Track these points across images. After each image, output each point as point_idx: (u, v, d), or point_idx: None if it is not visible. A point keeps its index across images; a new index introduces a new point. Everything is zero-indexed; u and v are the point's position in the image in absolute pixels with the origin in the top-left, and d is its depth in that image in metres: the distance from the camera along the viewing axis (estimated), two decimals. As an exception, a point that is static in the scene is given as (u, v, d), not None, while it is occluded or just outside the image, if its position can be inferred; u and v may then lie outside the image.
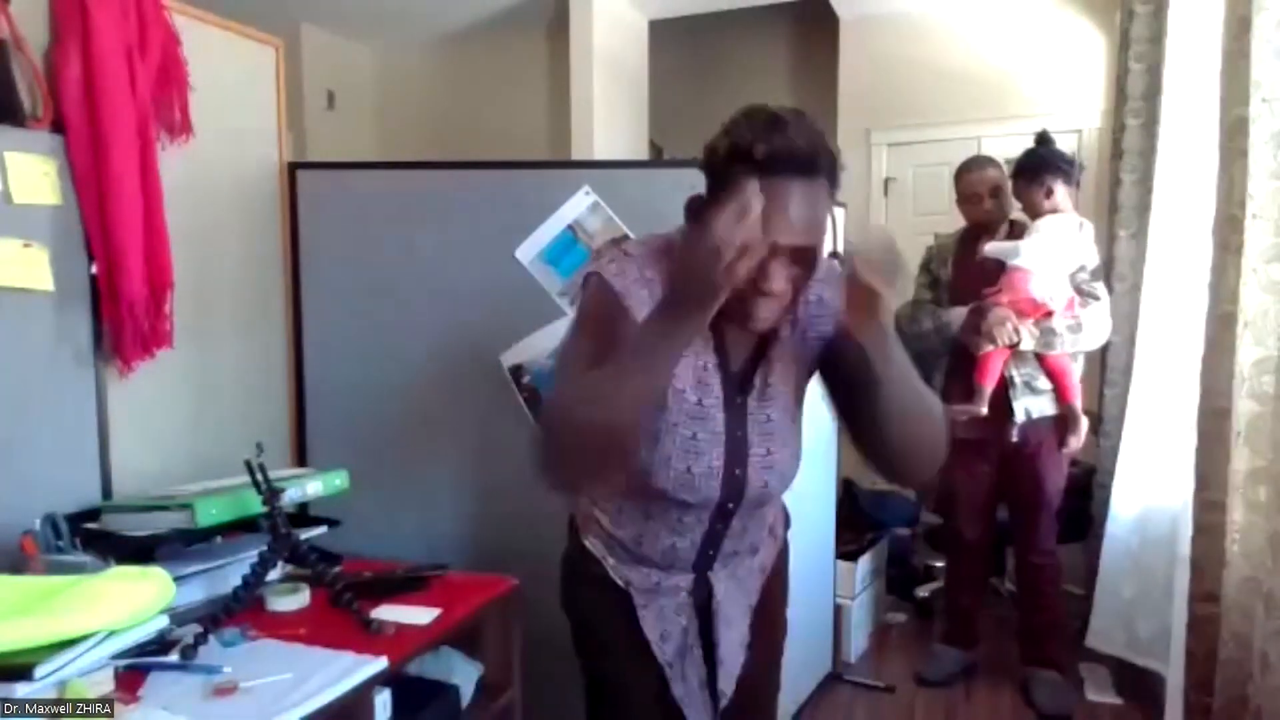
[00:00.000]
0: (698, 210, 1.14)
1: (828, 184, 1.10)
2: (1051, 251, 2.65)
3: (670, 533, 1.31)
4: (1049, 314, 2.65)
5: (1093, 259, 2.74)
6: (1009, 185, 2.82)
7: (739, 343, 1.25)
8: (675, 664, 1.36)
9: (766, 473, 1.28)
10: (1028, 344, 2.66)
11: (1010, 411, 2.72)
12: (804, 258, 1.10)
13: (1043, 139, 2.77)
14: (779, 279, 1.09)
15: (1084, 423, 2.74)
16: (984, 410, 2.71)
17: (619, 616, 1.36)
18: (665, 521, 1.30)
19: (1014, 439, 2.74)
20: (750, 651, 1.40)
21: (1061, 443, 2.75)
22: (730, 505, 1.29)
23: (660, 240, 1.25)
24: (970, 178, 2.85)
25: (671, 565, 1.34)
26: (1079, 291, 2.70)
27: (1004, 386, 2.72)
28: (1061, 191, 2.69)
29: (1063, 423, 2.74)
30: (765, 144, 1.05)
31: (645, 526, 1.32)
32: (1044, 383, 2.73)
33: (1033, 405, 2.72)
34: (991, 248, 2.71)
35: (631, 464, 1.22)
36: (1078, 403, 2.73)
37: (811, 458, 1.59)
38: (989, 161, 2.88)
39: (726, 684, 1.37)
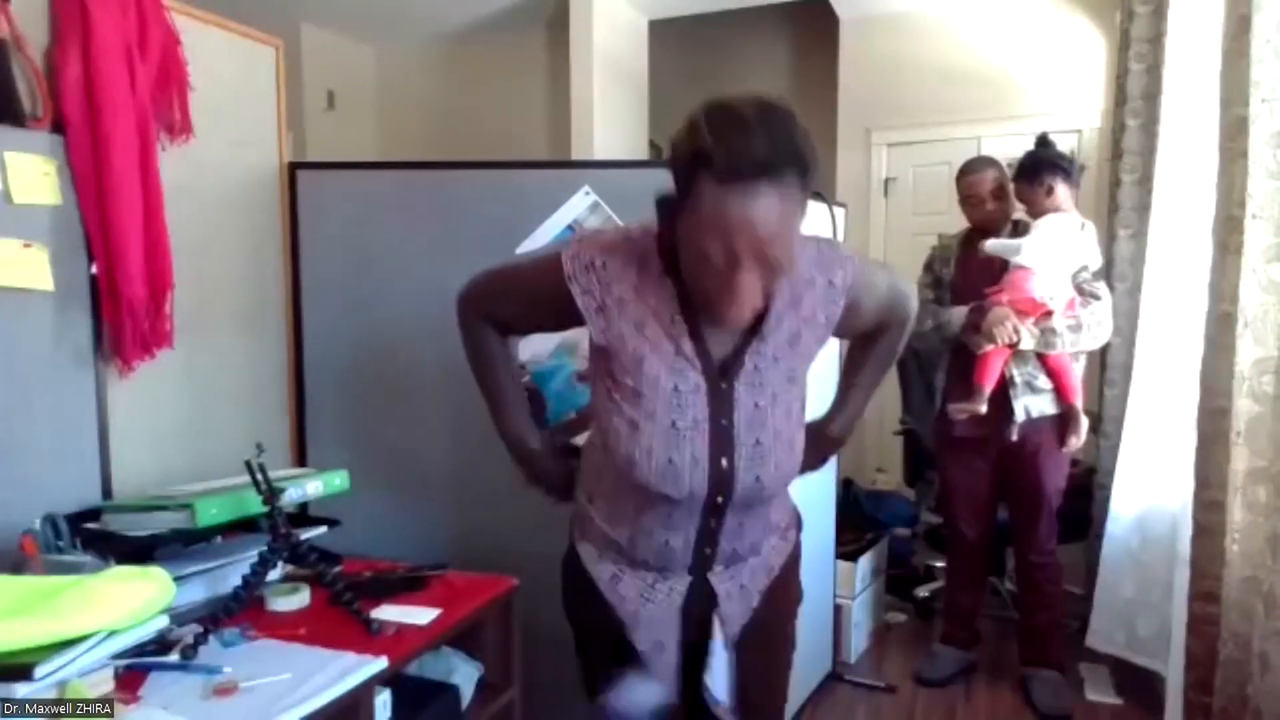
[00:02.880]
0: (668, 208, 1.15)
1: (797, 181, 1.06)
2: (1052, 250, 2.65)
3: (662, 528, 1.27)
4: (1049, 313, 2.65)
5: (1096, 260, 2.74)
6: (1010, 185, 2.82)
7: (716, 331, 1.23)
8: (664, 674, 1.33)
9: (758, 466, 1.24)
10: (1027, 343, 2.65)
11: (1010, 410, 2.72)
12: (770, 260, 1.08)
13: (1043, 141, 2.77)
14: (746, 288, 1.09)
15: (1084, 422, 2.74)
16: (983, 409, 2.71)
17: (613, 625, 1.33)
18: (656, 518, 1.26)
19: (1013, 438, 2.74)
20: (751, 660, 1.37)
21: (1062, 442, 2.75)
22: (719, 500, 1.24)
23: (638, 236, 1.25)
24: (971, 179, 2.85)
25: (666, 566, 1.30)
26: (1080, 291, 2.70)
27: (1004, 385, 2.72)
28: (1062, 191, 2.69)
29: (1063, 422, 2.74)
30: (725, 150, 1.03)
31: (637, 524, 1.28)
32: (1044, 382, 2.73)
33: (1033, 404, 2.72)
34: (992, 244, 2.72)
35: (618, 458, 1.23)
36: (1078, 402, 2.73)
37: (811, 458, 1.58)
38: (989, 162, 2.88)
39: (719, 690, 1.32)
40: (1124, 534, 2.84)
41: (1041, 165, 2.69)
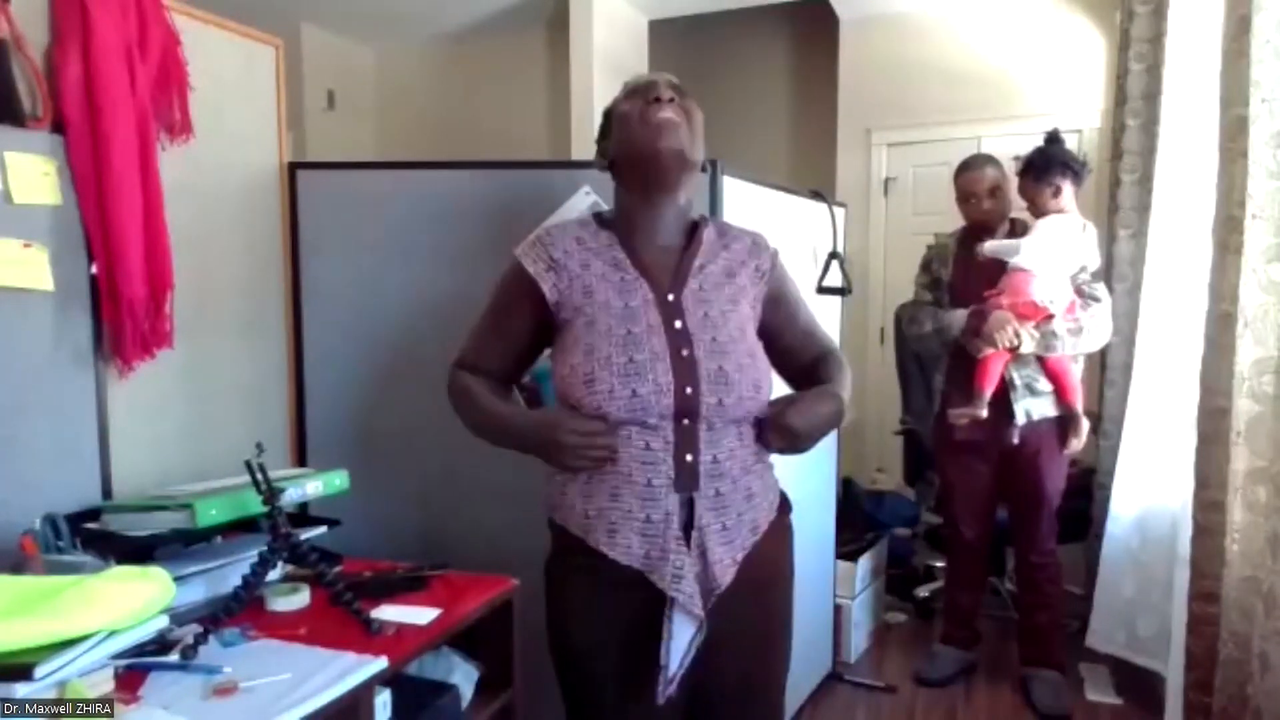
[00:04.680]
0: (604, 151, 1.55)
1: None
2: (1053, 252, 2.65)
3: (639, 432, 1.33)
4: (1050, 317, 2.65)
5: (1094, 261, 2.73)
6: (1008, 184, 2.81)
7: (656, 260, 1.43)
8: (664, 568, 1.32)
9: (721, 391, 1.33)
10: (1028, 347, 2.64)
11: (1010, 413, 2.71)
12: (672, 90, 1.42)
13: (1053, 138, 2.75)
14: (663, 108, 1.39)
15: (1085, 424, 2.73)
16: (984, 414, 2.70)
17: (605, 612, 1.37)
18: (633, 435, 1.33)
19: (1014, 441, 2.74)
20: (743, 639, 1.41)
21: (1062, 444, 2.75)
22: (686, 420, 1.33)
23: (575, 219, 1.53)
24: (968, 177, 2.84)
25: (651, 479, 1.33)
26: (1079, 293, 2.70)
27: (1004, 388, 2.71)
28: (1068, 192, 2.68)
29: (1063, 424, 2.74)
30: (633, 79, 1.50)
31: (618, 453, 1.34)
32: (1044, 384, 2.72)
33: (1033, 407, 2.72)
34: (991, 246, 2.70)
35: (578, 391, 1.35)
36: (1079, 404, 2.72)
37: (811, 458, 1.58)
38: (987, 160, 2.87)
39: (723, 574, 1.34)
40: (1124, 534, 2.84)
41: (1052, 165, 2.67)
